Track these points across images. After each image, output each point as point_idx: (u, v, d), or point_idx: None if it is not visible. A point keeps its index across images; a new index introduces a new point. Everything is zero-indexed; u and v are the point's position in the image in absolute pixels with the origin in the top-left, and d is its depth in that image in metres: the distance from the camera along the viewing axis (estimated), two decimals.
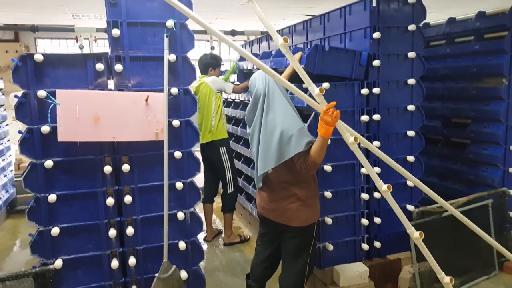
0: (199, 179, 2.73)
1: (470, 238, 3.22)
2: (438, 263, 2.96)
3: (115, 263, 2.48)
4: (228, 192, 3.86)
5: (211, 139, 3.79)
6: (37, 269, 2.29)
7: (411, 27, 2.92)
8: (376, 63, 2.87)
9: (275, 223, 2.36)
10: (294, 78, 2.40)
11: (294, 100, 2.61)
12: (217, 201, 4.11)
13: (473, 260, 3.24)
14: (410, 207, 3.04)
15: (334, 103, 1.98)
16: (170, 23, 2.43)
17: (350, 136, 2.00)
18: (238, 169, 4.11)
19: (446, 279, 2.07)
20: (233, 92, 3.82)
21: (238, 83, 4.26)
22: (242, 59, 4.29)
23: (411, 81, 2.97)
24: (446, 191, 3.78)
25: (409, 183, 3.04)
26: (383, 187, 2.04)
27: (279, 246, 2.44)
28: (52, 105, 2.27)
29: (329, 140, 2.20)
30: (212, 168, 3.95)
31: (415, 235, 2.07)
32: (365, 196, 2.95)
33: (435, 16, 5.21)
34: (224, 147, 3.81)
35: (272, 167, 2.22)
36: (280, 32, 4.22)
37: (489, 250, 3.26)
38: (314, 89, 1.93)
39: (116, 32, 2.41)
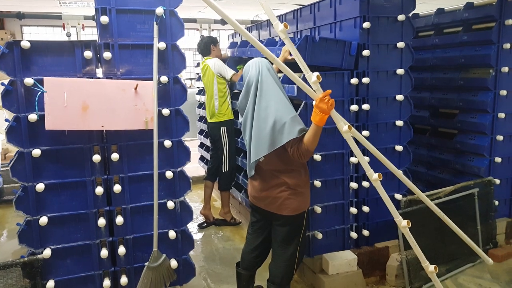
0: (189, 168, 2.72)
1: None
2: (425, 251, 3.01)
3: (104, 253, 2.47)
4: (223, 170, 3.99)
5: (214, 120, 3.96)
6: (25, 258, 2.26)
7: (401, 17, 2.93)
8: (365, 53, 2.88)
9: (266, 212, 2.38)
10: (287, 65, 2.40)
11: (284, 89, 2.61)
12: None
13: (458, 248, 3.30)
14: (398, 196, 3.08)
15: (329, 91, 2.01)
16: (159, 10, 2.40)
17: (344, 124, 2.02)
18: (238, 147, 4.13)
19: (430, 268, 2.11)
20: (232, 80, 3.83)
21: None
22: (231, 46, 4.27)
23: (400, 71, 2.99)
24: (433, 180, 3.85)
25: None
26: (374, 175, 2.06)
27: (270, 235, 2.46)
28: (39, 93, 2.24)
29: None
30: (215, 146, 4.10)
31: (403, 223, 2.11)
32: (354, 185, 2.98)
33: (424, 7, 5.24)
34: (225, 127, 3.94)
35: (265, 154, 2.23)
36: (270, 21, 4.20)
37: (474, 238, 3.33)
38: (312, 77, 1.93)
39: (104, 19, 2.37)
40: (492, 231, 3.45)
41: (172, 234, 2.63)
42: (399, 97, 3.01)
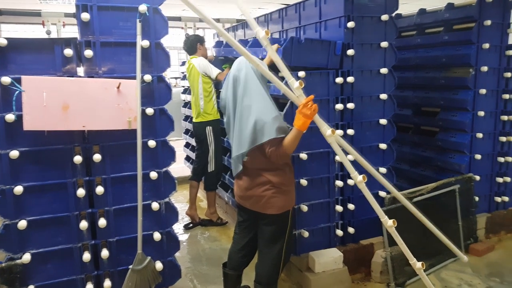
0: (174, 169, 2.68)
1: (439, 223, 3.35)
2: (409, 246, 3.05)
3: (86, 256, 2.41)
4: (209, 170, 3.97)
5: (200, 120, 3.92)
6: (3, 264, 2.19)
7: (384, 17, 2.96)
8: (350, 52, 2.89)
9: (252, 211, 2.36)
10: (270, 69, 2.39)
11: (270, 89, 2.60)
12: None
13: (441, 243, 3.36)
14: (382, 194, 3.11)
15: (312, 96, 2.00)
16: (142, 7, 2.35)
17: (327, 128, 2.02)
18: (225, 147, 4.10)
19: (418, 265, 2.14)
20: (217, 79, 3.79)
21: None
22: (216, 45, 4.24)
23: (383, 70, 3.02)
24: (416, 177, 3.91)
25: (382, 170, 3.11)
26: (358, 178, 2.07)
27: (257, 234, 2.44)
28: (17, 92, 2.16)
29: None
30: (200, 146, 4.05)
31: (389, 223, 2.13)
32: (339, 183, 3.00)
33: (406, 7, 5.31)
34: (211, 127, 3.90)
35: (245, 150, 2.23)
36: (256, 20, 4.18)
37: (456, 233, 3.40)
38: (294, 83, 1.92)
39: (85, 16, 2.31)
40: (473, 226, 3.52)
41: (157, 235, 2.59)
42: (383, 96, 3.04)
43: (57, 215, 2.38)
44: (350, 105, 2.94)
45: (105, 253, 2.46)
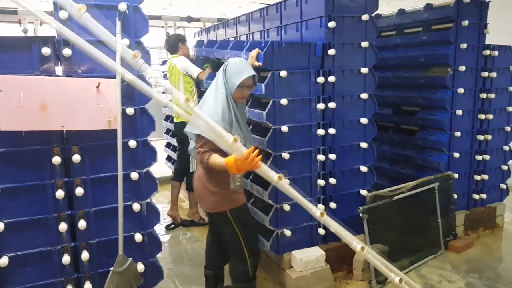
0: (156, 169, 2.66)
1: (419, 220, 3.42)
2: (390, 244, 3.10)
3: (66, 259, 2.37)
4: (191, 170, 3.96)
5: (181, 120, 3.83)
6: None
7: (364, 17, 2.99)
8: (331, 52, 2.91)
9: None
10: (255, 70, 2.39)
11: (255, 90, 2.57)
12: None
13: (421, 240, 3.43)
14: (363, 192, 3.15)
15: (252, 148, 1.89)
16: (122, 6, 2.32)
17: (275, 175, 1.93)
18: None
19: (396, 280, 2.13)
20: (199, 78, 3.77)
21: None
22: (197, 45, 4.22)
23: (364, 70, 3.05)
24: (396, 176, 3.97)
25: (363, 168, 3.14)
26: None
27: None
28: None
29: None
30: (181, 146, 4.03)
31: (358, 249, 2.12)
32: (321, 182, 3.02)
33: (386, 8, 5.38)
34: None
35: (187, 131, 2.39)
36: (237, 19, 4.18)
37: (435, 231, 3.47)
38: (228, 139, 1.86)
39: (63, 14, 2.26)
40: (452, 224, 3.60)
41: (138, 237, 2.56)
42: (364, 95, 3.08)
43: (36, 217, 2.33)
44: (332, 105, 2.96)
45: (85, 255, 2.42)
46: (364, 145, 3.13)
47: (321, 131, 2.95)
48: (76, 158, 2.34)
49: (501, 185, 4.00)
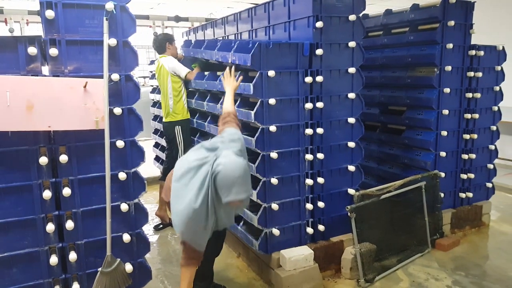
0: (144, 169, 2.65)
1: (406, 219, 3.46)
2: (378, 243, 3.12)
3: (54, 260, 2.35)
4: None
5: (169, 120, 3.89)
6: None
7: (352, 17, 3.01)
8: (319, 52, 2.93)
9: None
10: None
11: (240, 87, 2.59)
12: None
13: (408, 238, 3.47)
14: (351, 191, 3.18)
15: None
16: (109, 5, 2.31)
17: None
18: None
19: None
20: (187, 78, 3.76)
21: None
22: (185, 45, 4.21)
23: (351, 69, 3.08)
24: (384, 175, 4.01)
25: (350, 168, 3.17)
26: None
27: None
28: None
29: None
30: (170, 146, 4.04)
31: None
32: (309, 181, 3.04)
33: (373, 8, 5.43)
34: (180, 127, 3.89)
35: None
36: (225, 19, 4.18)
37: (423, 229, 3.51)
38: None
39: (50, 13, 2.24)
40: (438, 222, 3.64)
41: (126, 237, 2.55)
42: (351, 95, 3.10)
43: (23, 218, 2.31)
44: (319, 104, 2.98)
45: (73, 256, 2.41)
46: (351, 144, 3.16)
47: (309, 131, 2.97)
48: (63, 158, 2.32)
49: (487, 183, 4.07)
